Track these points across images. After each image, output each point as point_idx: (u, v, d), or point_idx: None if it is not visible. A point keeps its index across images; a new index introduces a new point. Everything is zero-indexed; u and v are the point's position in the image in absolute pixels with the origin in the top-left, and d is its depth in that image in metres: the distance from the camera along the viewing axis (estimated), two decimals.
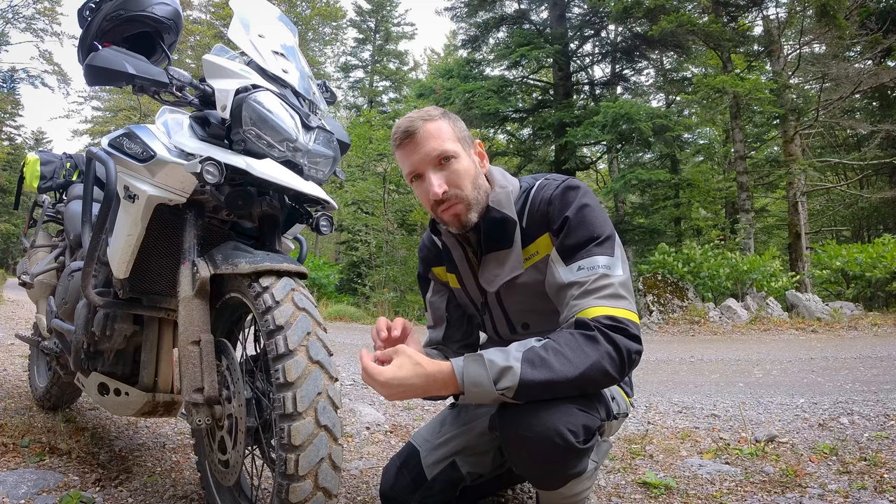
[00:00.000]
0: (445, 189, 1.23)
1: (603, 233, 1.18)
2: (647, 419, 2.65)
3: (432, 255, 1.50)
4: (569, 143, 11.81)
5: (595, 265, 1.14)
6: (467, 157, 1.26)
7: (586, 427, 1.08)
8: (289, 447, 1.06)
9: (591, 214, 1.19)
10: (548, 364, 1.03)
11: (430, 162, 1.23)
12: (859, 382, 3.50)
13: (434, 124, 1.24)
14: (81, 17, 1.55)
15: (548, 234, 1.23)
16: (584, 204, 1.20)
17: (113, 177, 1.39)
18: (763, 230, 17.79)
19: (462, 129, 1.29)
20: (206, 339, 1.25)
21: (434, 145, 1.23)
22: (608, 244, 1.17)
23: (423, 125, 1.24)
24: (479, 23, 14.09)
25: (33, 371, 2.64)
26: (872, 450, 1.98)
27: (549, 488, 1.16)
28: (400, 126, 1.26)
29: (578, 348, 1.05)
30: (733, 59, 12.03)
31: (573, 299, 1.13)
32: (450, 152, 1.23)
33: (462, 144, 1.26)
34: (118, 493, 1.60)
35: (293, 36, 1.64)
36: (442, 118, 1.26)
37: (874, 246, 8.86)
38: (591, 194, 1.23)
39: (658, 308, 8.15)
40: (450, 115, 1.29)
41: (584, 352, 1.05)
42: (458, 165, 1.23)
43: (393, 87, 26.10)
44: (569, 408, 1.07)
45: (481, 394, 1.04)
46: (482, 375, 1.04)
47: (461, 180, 1.24)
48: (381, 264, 13.65)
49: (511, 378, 1.02)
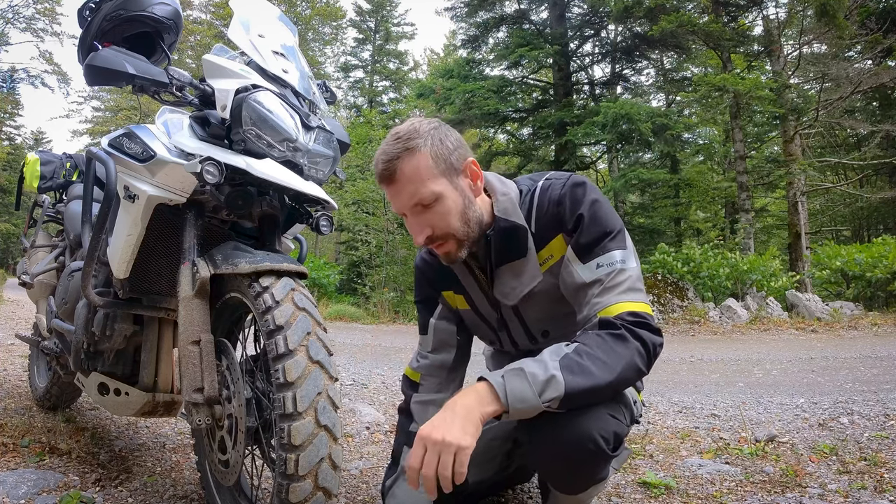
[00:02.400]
0: (428, 235, 1.16)
1: (615, 227, 1.17)
2: (647, 419, 2.65)
3: (439, 276, 1.39)
4: (569, 142, 11.82)
5: (613, 260, 1.13)
6: (453, 190, 1.15)
7: (616, 434, 1.07)
8: (289, 447, 1.06)
9: (602, 209, 1.17)
10: (587, 370, 1.00)
11: (410, 208, 1.15)
12: (859, 382, 3.50)
13: (412, 162, 1.12)
14: (81, 17, 1.55)
15: (561, 236, 1.18)
16: (594, 199, 1.17)
17: (113, 177, 1.39)
18: (763, 230, 17.79)
19: (449, 153, 1.15)
20: (206, 339, 1.25)
21: (411, 191, 1.13)
22: (621, 237, 1.16)
23: (399, 166, 1.12)
24: (478, 23, 14.08)
25: (33, 371, 2.64)
26: (872, 450, 1.98)
27: (573, 492, 1.16)
28: (378, 162, 1.16)
29: (611, 350, 1.03)
30: (733, 59, 12.03)
31: (594, 297, 1.12)
32: (428, 198, 1.13)
33: (447, 176, 1.15)
34: (118, 493, 1.60)
35: (293, 36, 1.64)
36: (423, 147, 1.13)
37: (874, 246, 8.86)
38: (597, 189, 1.21)
39: (658, 308, 8.15)
40: (435, 134, 1.16)
41: (616, 353, 1.03)
42: (443, 206, 1.14)
43: (393, 87, 26.09)
44: (601, 414, 1.06)
45: (526, 409, 0.99)
46: (526, 390, 0.98)
47: (447, 220, 1.15)
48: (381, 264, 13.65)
49: (556, 388, 0.98)
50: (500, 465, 1.40)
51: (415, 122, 1.18)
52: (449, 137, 1.17)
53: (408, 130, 1.15)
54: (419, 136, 1.14)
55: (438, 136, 1.16)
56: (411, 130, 1.15)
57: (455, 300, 1.39)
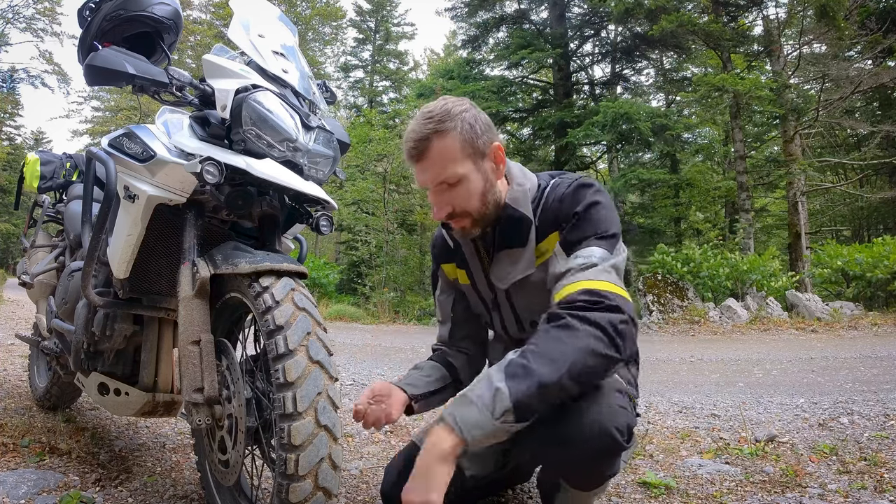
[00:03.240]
0: (449, 211, 1.22)
1: (608, 229, 1.17)
2: (647, 419, 2.65)
3: (443, 251, 1.48)
4: (569, 143, 11.81)
5: (591, 254, 1.13)
6: (477, 173, 1.21)
7: (629, 426, 1.08)
8: (289, 447, 1.06)
9: (599, 211, 1.18)
10: (531, 372, 0.97)
11: (434, 186, 1.21)
12: (859, 382, 3.50)
13: (443, 143, 1.17)
14: (81, 17, 1.55)
15: (557, 233, 1.22)
16: (594, 201, 1.19)
17: (113, 177, 1.39)
18: (763, 230, 17.79)
19: (477, 137, 1.20)
20: (206, 339, 1.25)
21: (438, 171, 1.19)
22: (612, 240, 1.16)
23: (428, 146, 1.18)
24: (479, 23, 14.09)
25: (33, 371, 2.64)
26: (872, 450, 1.98)
27: (588, 488, 1.16)
28: (408, 138, 1.21)
29: (556, 343, 1.00)
30: (733, 59, 12.02)
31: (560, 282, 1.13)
32: (453, 178, 1.19)
33: (472, 159, 1.20)
34: (118, 493, 1.60)
35: (293, 36, 1.64)
36: (453, 130, 1.18)
37: (874, 246, 8.86)
38: (603, 193, 1.22)
39: (658, 308, 8.15)
40: (466, 117, 1.20)
41: (564, 344, 0.99)
42: (465, 187, 1.20)
43: (393, 87, 26.08)
44: (612, 406, 1.07)
45: (485, 434, 0.96)
46: (475, 414, 0.96)
47: (467, 200, 1.21)
48: (381, 264, 13.65)
49: (503, 401, 0.95)
50: (496, 461, 1.41)
51: (447, 101, 1.21)
52: (479, 121, 1.21)
53: (441, 111, 1.19)
54: (450, 119, 1.18)
55: (469, 119, 1.19)
56: (444, 111, 1.18)
57: (457, 274, 1.46)
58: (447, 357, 1.51)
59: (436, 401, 1.45)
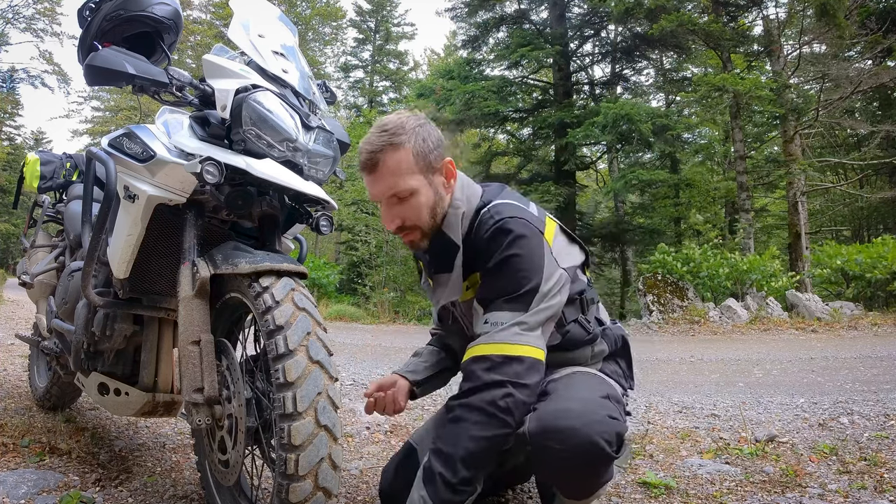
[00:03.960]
0: (398, 224, 1.26)
1: (519, 287, 1.15)
2: (647, 419, 2.65)
3: None
4: (569, 143, 11.81)
5: (497, 320, 1.15)
6: (427, 187, 1.23)
7: (618, 435, 1.08)
8: (289, 447, 1.06)
9: (513, 265, 1.17)
10: (435, 474, 1.09)
11: (386, 198, 1.24)
12: (859, 382, 3.50)
13: (395, 156, 1.20)
14: (81, 17, 1.55)
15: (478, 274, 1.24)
16: (508, 255, 1.17)
17: (113, 177, 1.39)
18: (763, 230, 17.78)
19: (428, 151, 1.22)
20: (206, 339, 1.25)
21: (389, 184, 1.21)
22: (523, 299, 1.15)
23: (381, 158, 1.20)
24: (479, 23, 14.08)
25: (33, 371, 2.64)
26: (872, 450, 1.98)
27: (581, 497, 1.16)
28: (362, 151, 1.23)
29: (450, 438, 1.11)
30: (733, 59, 12.02)
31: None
32: (404, 192, 1.21)
33: (424, 173, 1.22)
34: (118, 493, 1.60)
35: (293, 36, 1.64)
36: (407, 143, 1.20)
37: (874, 246, 8.85)
38: (522, 238, 1.18)
39: (658, 308, 8.15)
40: (420, 132, 1.22)
41: (454, 438, 1.10)
42: (415, 201, 1.23)
43: (393, 87, 26.08)
44: (603, 416, 1.08)
45: None
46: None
47: (417, 214, 1.24)
48: (381, 264, 13.65)
49: None
50: None
51: (402, 116, 1.24)
52: (431, 136, 1.24)
53: (395, 124, 1.21)
54: (404, 133, 1.21)
55: (422, 134, 1.22)
56: (398, 125, 1.21)
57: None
58: (443, 339, 1.55)
59: (437, 383, 1.52)
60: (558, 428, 1.06)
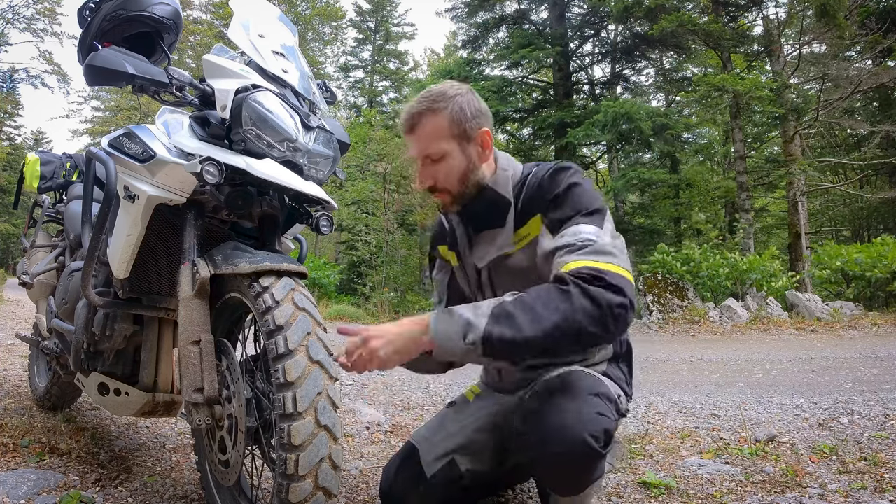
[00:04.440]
0: (429, 185, 1.30)
1: (591, 206, 1.21)
2: (647, 419, 2.65)
3: (439, 233, 1.55)
4: (569, 143, 11.82)
5: (579, 231, 1.16)
6: (460, 153, 1.28)
7: (606, 431, 1.08)
8: (289, 447, 1.06)
9: (579, 191, 1.23)
10: (514, 320, 1.02)
11: (420, 158, 1.30)
12: (859, 382, 3.50)
13: (433, 120, 1.26)
14: (81, 17, 1.55)
15: (539, 216, 1.26)
16: (572, 182, 1.23)
17: (113, 177, 1.39)
18: (763, 230, 17.79)
19: (465, 120, 1.27)
20: (206, 339, 1.25)
21: (424, 145, 1.27)
22: (597, 216, 1.19)
23: (420, 120, 1.27)
24: (479, 23, 14.10)
25: (33, 371, 2.64)
26: (872, 450, 1.98)
27: (570, 494, 1.17)
28: (406, 111, 1.30)
29: (550, 302, 1.03)
30: (733, 59, 12.02)
31: (557, 259, 1.15)
32: (436, 154, 1.27)
33: (458, 140, 1.27)
34: (118, 493, 1.60)
35: (293, 36, 1.64)
36: (445, 109, 1.26)
37: (874, 246, 8.85)
38: (580, 174, 1.27)
39: (658, 308, 8.15)
40: (460, 100, 1.27)
41: (555, 306, 1.02)
42: (447, 165, 1.28)
43: (393, 87, 26.07)
44: (590, 413, 1.08)
45: (451, 348, 1.06)
46: (451, 330, 1.05)
47: (448, 178, 1.29)
48: (381, 264, 13.65)
49: (475, 332, 1.03)
50: (492, 457, 1.41)
51: (446, 85, 1.30)
52: (470, 106, 1.28)
53: (438, 91, 1.28)
54: (444, 100, 1.26)
55: (461, 103, 1.27)
56: (440, 93, 1.28)
57: (449, 256, 1.51)
58: None
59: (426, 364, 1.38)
60: (545, 424, 1.08)
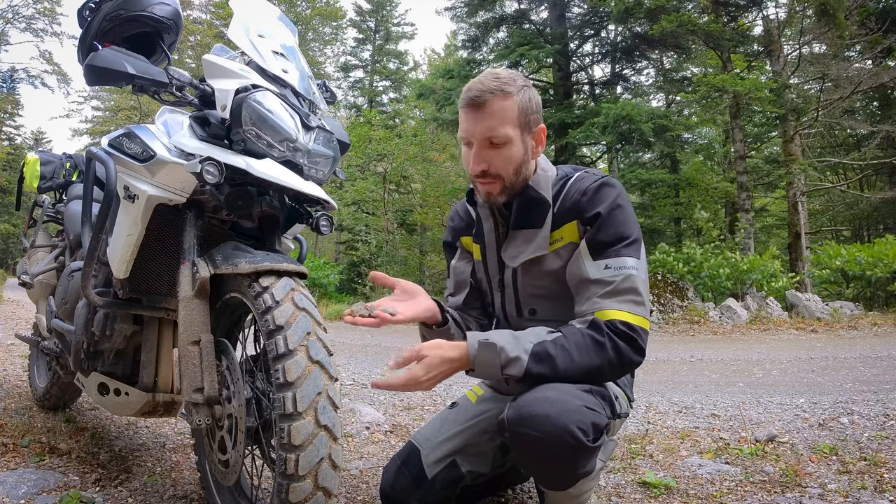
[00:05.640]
0: (485, 169, 1.26)
1: (632, 234, 1.23)
2: (647, 419, 2.65)
3: (463, 224, 1.52)
4: (569, 143, 11.81)
5: (623, 265, 1.19)
6: (520, 143, 1.26)
7: (595, 425, 1.09)
8: (289, 447, 1.06)
9: (622, 214, 1.23)
10: (552, 362, 1.13)
11: (480, 139, 1.25)
12: (859, 382, 3.50)
13: (503, 103, 1.23)
14: (81, 17, 1.55)
15: (576, 222, 1.26)
16: (617, 204, 1.24)
17: (113, 177, 1.39)
18: (763, 230, 17.78)
19: (531, 112, 1.26)
20: (206, 339, 1.24)
21: (490, 126, 1.23)
22: (636, 246, 1.22)
23: (491, 100, 1.22)
24: (479, 23, 14.08)
25: (33, 371, 2.64)
26: (872, 450, 1.98)
27: (559, 488, 1.16)
28: (473, 87, 1.24)
29: (585, 351, 1.14)
30: (733, 59, 12.01)
31: (596, 297, 1.19)
32: (501, 139, 1.23)
33: (521, 129, 1.26)
34: (118, 493, 1.60)
35: (293, 36, 1.64)
36: (516, 96, 1.24)
37: (874, 245, 8.86)
38: (625, 196, 1.27)
39: (658, 308, 8.15)
40: (527, 91, 1.27)
41: (588, 356, 1.14)
42: (507, 151, 1.25)
43: (393, 87, 26.05)
44: (578, 406, 1.08)
45: (489, 375, 1.17)
46: (491, 363, 1.14)
47: (505, 165, 1.26)
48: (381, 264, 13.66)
49: (517, 368, 1.13)
50: (493, 459, 1.41)
51: (512, 72, 1.29)
52: (535, 99, 1.28)
53: (508, 76, 1.26)
54: (514, 85, 1.25)
55: (528, 94, 1.27)
56: (511, 77, 1.26)
57: (472, 248, 1.49)
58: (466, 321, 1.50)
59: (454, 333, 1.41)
60: (533, 414, 1.08)
